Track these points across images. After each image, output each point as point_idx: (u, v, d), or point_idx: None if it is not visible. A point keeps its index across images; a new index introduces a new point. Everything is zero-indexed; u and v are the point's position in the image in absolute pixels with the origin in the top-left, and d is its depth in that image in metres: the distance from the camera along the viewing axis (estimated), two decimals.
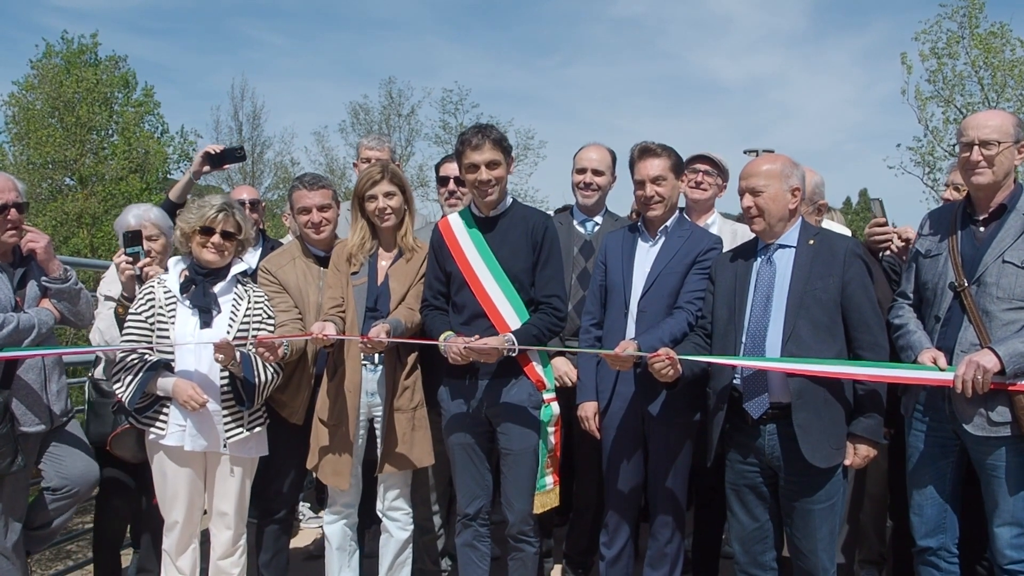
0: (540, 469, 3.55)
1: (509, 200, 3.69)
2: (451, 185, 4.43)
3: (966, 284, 3.15)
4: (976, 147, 3.15)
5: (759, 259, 3.32)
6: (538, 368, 3.56)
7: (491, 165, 3.51)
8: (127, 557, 4.48)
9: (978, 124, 3.20)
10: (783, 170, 3.25)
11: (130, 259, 3.65)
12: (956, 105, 18.67)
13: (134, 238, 3.72)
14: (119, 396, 3.50)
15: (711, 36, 50.11)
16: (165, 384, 3.46)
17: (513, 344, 3.39)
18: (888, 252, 3.90)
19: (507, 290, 3.53)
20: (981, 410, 3.06)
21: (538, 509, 3.56)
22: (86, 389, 4.14)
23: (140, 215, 3.95)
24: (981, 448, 3.11)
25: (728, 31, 48.66)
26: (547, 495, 3.56)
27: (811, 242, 3.24)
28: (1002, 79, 18.14)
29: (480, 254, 3.58)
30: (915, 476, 3.32)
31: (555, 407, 3.57)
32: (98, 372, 4.01)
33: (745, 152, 19.80)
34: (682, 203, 4.29)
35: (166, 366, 3.49)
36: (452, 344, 3.39)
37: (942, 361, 3.11)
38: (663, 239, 3.67)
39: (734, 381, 3.26)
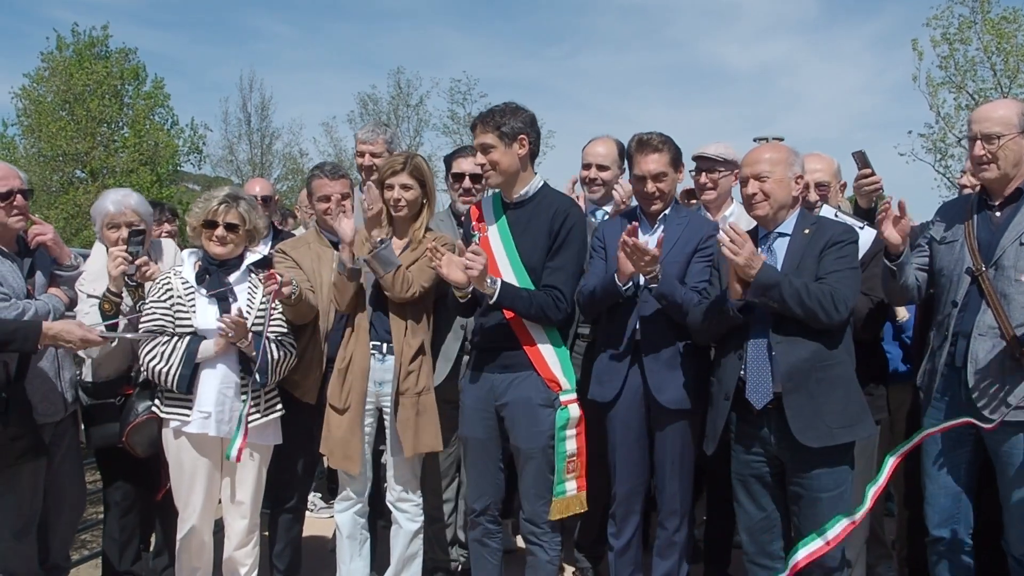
0: (558, 475, 3.39)
1: (538, 184, 3.56)
2: (466, 182, 4.25)
3: (983, 268, 3.13)
4: (979, 142, 3.13)
5: (760, 248, 3.29)
6: (552, 366, 3.41)
7: (484, 149, 3.47)
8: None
9: (981, 117, 3.17)
10: (787, 157, 3.25)
11: (129, 255, 3.58)
12: (968, 91, 18.53)
13: (138, 235, 3.65)
14: (160, 379, 3.48)
15: (720, 24, 49.61)
16: (205, 349, 3.51)
17: (495, 285, 3.29)
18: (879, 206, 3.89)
19: (523, 282, 3.44)
20: (999, 394, 3.04)
21: (554, 515, 3.41)
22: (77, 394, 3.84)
23: (119, 201, 3.75)
24: (997, 436, 3.09)
25: (737, 18, 48.15)
26: (565, 501, 3.39)
27: (806, 231, 3.23)
28: (1015, 64, 18.00)
29: (502, 241, 3.52)
30: (929, 466, 3.31)
31: (573, 410, 3.42)
32: (86, 375, 3.83)
33: (755, 140, 19.62)
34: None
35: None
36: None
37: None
38: (661, 227, 3.63)
39: (740, 372, 3.23)
